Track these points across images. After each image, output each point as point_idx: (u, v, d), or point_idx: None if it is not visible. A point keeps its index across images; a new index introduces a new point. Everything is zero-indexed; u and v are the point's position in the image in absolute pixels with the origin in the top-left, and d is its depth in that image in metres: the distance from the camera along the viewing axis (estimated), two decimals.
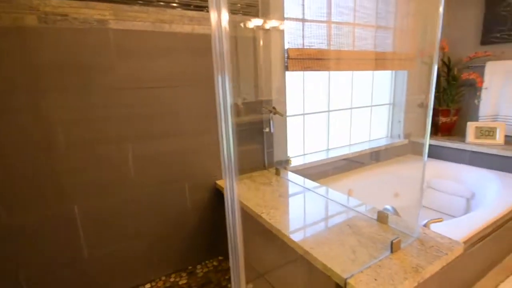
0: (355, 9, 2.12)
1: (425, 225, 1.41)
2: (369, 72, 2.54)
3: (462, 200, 2.27)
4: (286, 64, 1.86)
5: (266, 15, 1.71)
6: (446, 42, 2.62)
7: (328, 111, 2.36)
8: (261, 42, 1.72)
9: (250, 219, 1.27)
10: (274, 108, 1.84)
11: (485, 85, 2.46)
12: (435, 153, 2.67)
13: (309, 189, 1.58)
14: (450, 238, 0.98)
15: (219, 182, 1.69)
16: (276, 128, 1.92)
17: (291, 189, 1.59)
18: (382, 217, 1.13)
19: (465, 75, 2.46)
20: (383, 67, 2.37)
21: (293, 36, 1.84)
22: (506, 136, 2.45)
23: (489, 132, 2.39)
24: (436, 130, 2.75)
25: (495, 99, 2.46)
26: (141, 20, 1.29)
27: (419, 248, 0.92)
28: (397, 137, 2.77)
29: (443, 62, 2.67)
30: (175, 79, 1.46)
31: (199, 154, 1.63)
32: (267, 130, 1.88)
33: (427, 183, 2.54)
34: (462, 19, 2.61)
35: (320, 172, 2.25)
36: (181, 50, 1.44)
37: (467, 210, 2.24)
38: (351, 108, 2.51)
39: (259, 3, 1.70)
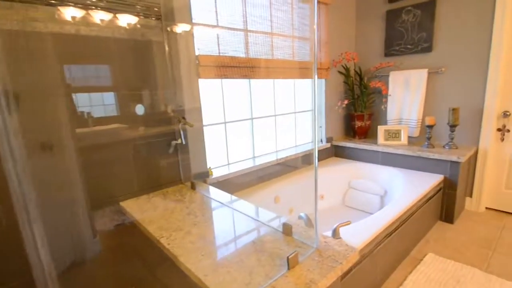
0: (271, 20, 2.15)
1: (334, 230, 1.45)
2: (291, 80, 2.62)
3: (377, 197, 2.46)
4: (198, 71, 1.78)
5: (170, 19, 1.60)
6: (356, 54, 2.86)
7: (252, 118, 2.35)
8: (167, 47, 1.61)
9: (150, 245, 1.14)
10: (183, 118, 1.74)
11: (389, 92, 2.73)
12: (354, 155, 2.86)
13: (223, 204, 1.50)
14: (347, 245, 1.00)
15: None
16: (191, 138, 1.82)
17: (204, 205, 1.50)
18: (286, 229, 1.11)
19: (373, 84, 2.70)
20: (300, 76, 2.45)
21: (205, 43, 1.77)
22: (409, 137, 2.75)
23: (395, 134, 2.65)
24: (354, 133, 2.96)
25: (398, 105, 2.75)
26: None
27: (317, 260, 0.91)
28: (319, 141, 2.90)
29: (355, 72, 2.90)
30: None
31: None
32: (178, 141, 1.76)
33: (349, 184, 2.70)
34: (369, 33, 2.87)
35: (246, 181, 2.21)
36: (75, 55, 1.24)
37: (381, 206, 2.43)
38: (274, 115, 2.54)
39: (160, 6, 1.58)
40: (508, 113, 2.31)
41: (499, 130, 2.38)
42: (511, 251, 1.95)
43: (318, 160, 2.85)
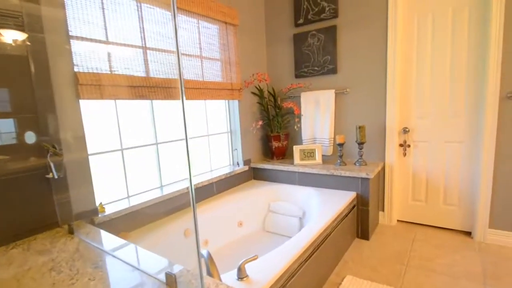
0: (176, 37, 1.97)
1: (239, 269, 1.23)
2: (203, 102, 2.43)
3: (296, 220, 2.33)
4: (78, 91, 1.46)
5: (37, 30, 1.31)
6: (267, 74, 2.86)
7: (156, 143, 2.05)
8: (32, 64, 1.29)
9: None
10: (53, 147, 1.38)
11: (302, 112, 2.75)
12: (273, 177, 2.75)
13: (103, 250, 1.16)
14: None
15: None
16: (73, 171, 1.47)
17: (78, 254, 1.14)
18: (170, 281, 0.84)
19: (285, 104, 2.69)
20: (211, 97, 2.29)
21: (87, 59, 1.48)
22: (323, 155, 2.77)
23: (310, 154, 2.63)
24: (272, 154, 2.87)
25: (311, 124, 2.77)
26: None
27: None
28: (236, 165, 2.73)
29: (269, 93, 2.88)
30: None
31: None
32: (50, 176, 1.39)
33: (268, 207, 2.54)
34: (280, 55, 2.92)
35: (149, 215, 1.86)
36: None
37: (300, 228, 2.30)
38: (185, 139, 2.28)
39: (22, 14, 1.28)
40: (407, 129, 2.48)
41: (401, 145, 2.53)
42: (422, 264, 1.97)
43: (236, 185, 2.65)
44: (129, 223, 1.76)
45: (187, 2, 2.00)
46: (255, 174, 2.85)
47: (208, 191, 2.33)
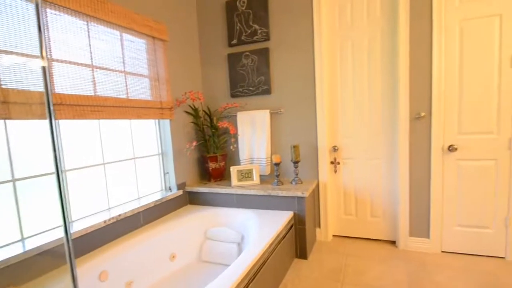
0: (90, 51, 1.75)
1: None
2: (128, 122, 2.20)
3: (234, 246, 2.21)
4: None
5: None
6: (201, 93, 2.76)
7: (64, 170, 1.75)
8: None
9: None
10: None
11: (238, 132, 2.71)
12: (210, 200, 2.60)
13: None
14: None
15: None
16: None
17: None
18: None
19: (221, 124, 2.61)
20: (137, 116, 2.08)
21: None
22: (261, 175, 2.74)
23: (248, 174, 2.57)
24: (209, 176, 2.74)
25: (248, 144, 2.74)
26: None
27: None
28: (168, 190, 2.51)
29: (204, 112, 2.78)
30: None
31: None
32: None
33: (205, 234, 2.37)
34: (215, 74, 2.87)
35: (51, 259, 1.53)
36: None
37: (239, 254, 2.18)
38: (103, 164, 2.01)
39: None
40: (336, 148, 2.61)
41: (332, 163, 2.65)
42: (356, 279, 2.02)
43: (169, 212, 2.42)
44: (25, 271, 1.42)
45: (105, 11, 1.81)
46: (191, 199, 2.67)
47: (132, 223, 2.06)
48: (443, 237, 2.33)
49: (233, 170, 2.57)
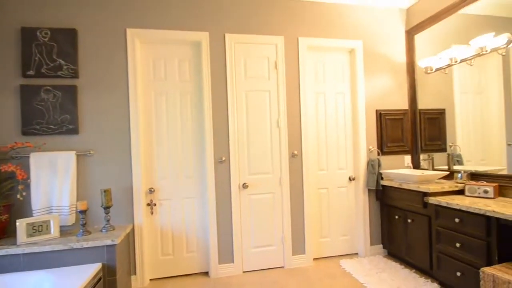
0: None
1: None
2: None
3: None
4: None
5: None
6: None
7: None
8: None
9: None
10: None
11: (32, 177, 2.27)
12: None
13: None
14: None
15: None
16: None
17: None
18: None
19: (4, 167, 2.11)
20: None
21: None
22: (63, 226, 2.38)
23: (43, 227, 2.17)
24: None
25: (45, 191, 2.33)
26: None
27: None
28: None
29: None
30: None
31: None
32: None
33: None
34: (1, 107, 2.33)
35: None
36: None
37: None
38: None
39: None
40: (153, 189, 2.67)
41: (148, 205, 2.67)
42: None
43: None
44: None
45: None
46: None
47: None
48: (244, 259, 2.81)
49: (21, 224, 2.08)
